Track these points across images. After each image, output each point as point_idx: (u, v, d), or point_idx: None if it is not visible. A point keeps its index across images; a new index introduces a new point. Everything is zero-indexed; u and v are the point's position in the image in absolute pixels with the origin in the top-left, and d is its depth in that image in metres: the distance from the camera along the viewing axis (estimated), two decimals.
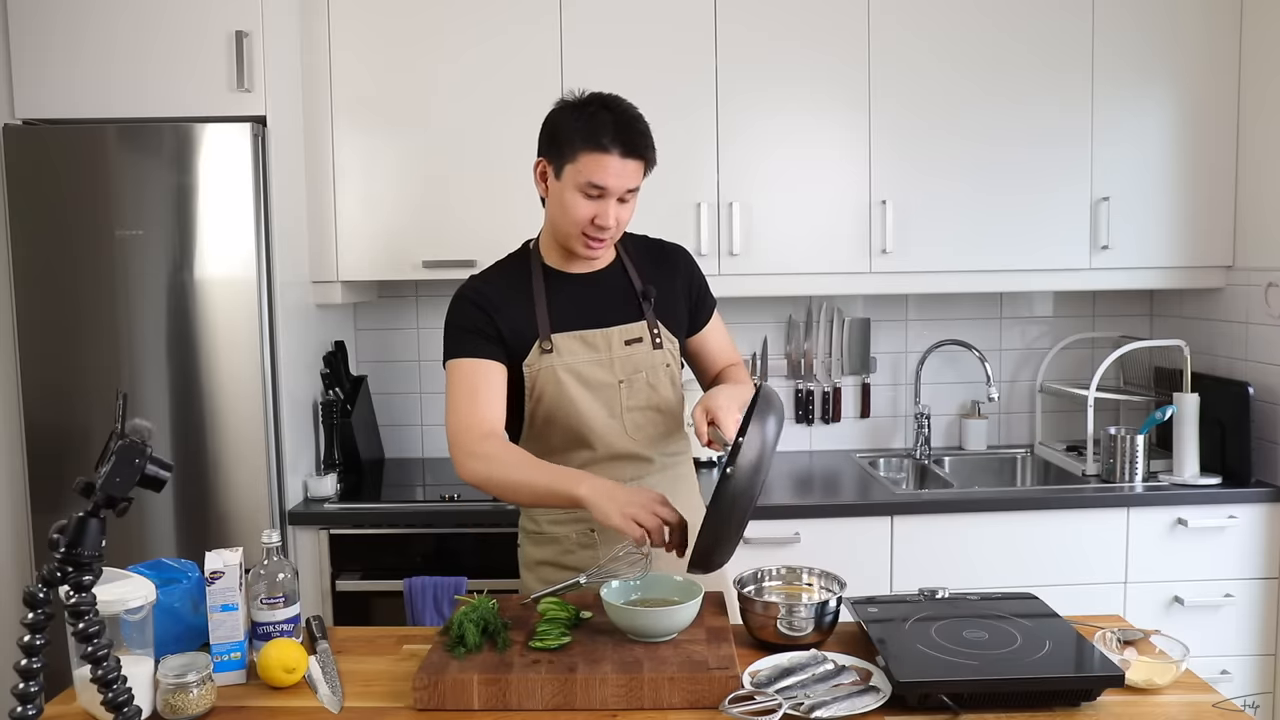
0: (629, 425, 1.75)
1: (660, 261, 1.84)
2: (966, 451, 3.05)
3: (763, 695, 1.29)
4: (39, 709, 1.10)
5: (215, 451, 2.38)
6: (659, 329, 1.76)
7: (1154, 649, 1.47)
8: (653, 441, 1.78)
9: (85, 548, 1.09)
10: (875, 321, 3.08)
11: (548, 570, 1.80)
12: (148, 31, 2.37)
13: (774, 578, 1.64)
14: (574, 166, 1.62)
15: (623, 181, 1.62)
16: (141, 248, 2.33)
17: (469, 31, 2.61)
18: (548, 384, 1.70)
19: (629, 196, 1.65)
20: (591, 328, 1.72)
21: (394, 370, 3.08)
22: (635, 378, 1.74)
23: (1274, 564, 2.52)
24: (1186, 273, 2.74)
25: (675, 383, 1.80)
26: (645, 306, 1.76)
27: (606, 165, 1.60)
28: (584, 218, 1.63)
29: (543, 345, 1.69)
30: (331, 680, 1.43)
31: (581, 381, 1.71)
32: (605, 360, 1.72)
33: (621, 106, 1.66)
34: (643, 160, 1.64)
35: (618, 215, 1.65)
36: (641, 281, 1.78)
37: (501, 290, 1.72)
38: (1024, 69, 2.66)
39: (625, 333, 1.74)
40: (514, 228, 2.65)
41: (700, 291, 1.87)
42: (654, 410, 1.77)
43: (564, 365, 1.70)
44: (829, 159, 2.67)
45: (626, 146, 1.61)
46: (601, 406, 1.72)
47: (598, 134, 1.60)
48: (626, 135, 1.61)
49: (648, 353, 1.75)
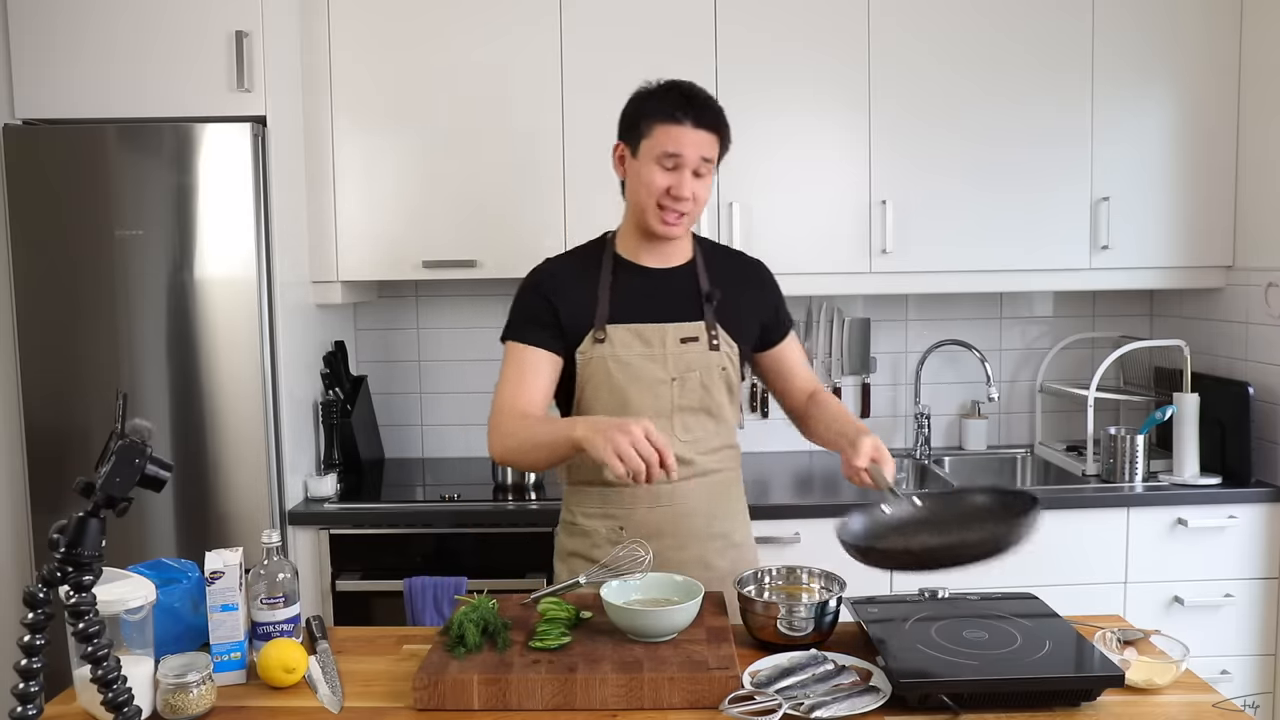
0: (678, 426, 1.74)
1: (737, 270, 1.84)
2: (966, 451, 3.05)
3: (763, 695, 1.29)
4: (39, 709, 1.10)
5: (215, 451, 2.38)
6: (718, 331, 1.75)
7: (1154, 649, 1.47)
8: (700, 444, 1.76)
9: (85, 548, 1.09)
10: (875, 321, 3.08)
11: (577, 562, 1.80)
12: (147, 31, 2.37)
13: (774, 578, 1.64)
14: (649, 140, 1.67)
15: (698, 150, 1.66)
16: (141, 248, 2.33)
17: (469, 32, 2.61)
18: (597, 373, 1.72)
19: (704, 170, 1.68)
20: (649, 322, 1.73)
21: (394, 370, 3.08)
22: (688, 376, 1.73)
23: (1274, 564, 2.52)
24: (1186, 273, 2.74)
25: (731, 388, 1.79)
26: (706, 308, 1.76)
27: (680, 135, 1.65)
28: (660, 187, 1.67)
29: (596, 335, 1.72)
30: (331, 680, 1.43)
31: (630, 374, 1.72)
32: (659, 356, 1.72)
33: (695, 87, 1.71)
34: (716, 134, 1.69)
35: (694, 189, 1.68)
36: (709, 283, 1.78)
37: (570, 275, 1.77)
38: (1024, 69, 2.66)
39: (681, 330, 1.74)
40: (514, 228, 2.67)
41: (777, 310, 1.87)
42: (705, 414, 1.76)
43: (614, 357, 1.71)
44: (829, 159, 2.67)
45: (698, 118, 1.66)
46: (650, 403, 1.72)
47: (670, 107, 1.66)
48: (699, 108, 1.67)
49: (703, 353, 1.74)
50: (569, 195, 2.64)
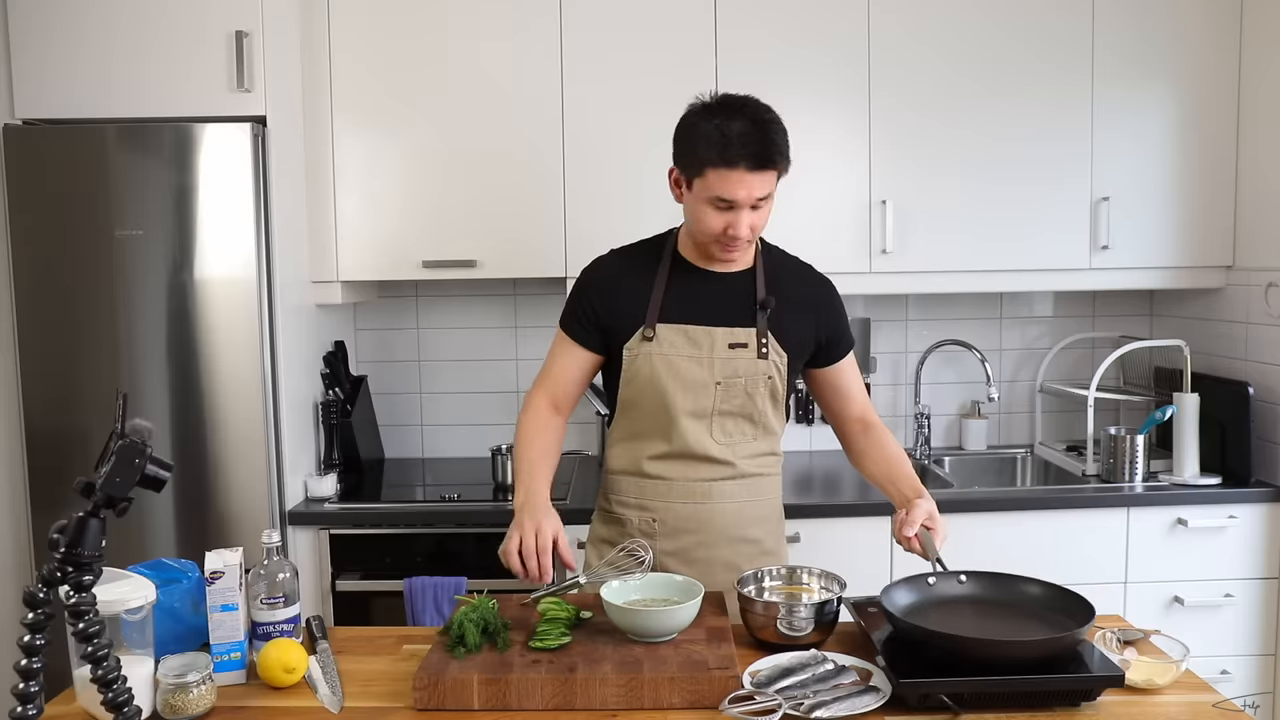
0: (716, 429, 1.75)
1: (800, 282, 1.82)
2: (966, 451, 3.05)
3: (763, 695, 1.29)
4: (39, 709, 1.10)
5: (215, 451, 2.38)
6: (768, 340, 1.74)
7: (1154, 649, 1.47)
8: (738, 448, 1.77)
9: (85, 548, 1.09)
10: (875, 321, 3.08)
11: (607, 549, 1.81)
12: (147, 32, 2.36)
13: (774, 578, 1.64)
14: (702, 181, 1.62)
15: (752, 193, 1.61)
16: (141, 248, 2.33)
17: (469, 31, 2.61)
18: (642, 370, 1.73)
19: (761, 204, 1.65)
20: (699, 324, 1.73)
21: (394, 370, 3.08)
22: (733, 382, 1.73)
23: (1274, 564, 2.52)
24: (1186, 273, 2.74)
25: (776, 397, 1.78)
26: (760, 315, 1.74)
27: (734, 181, 1.59)
28: (716, 229, 1.65)
29: (645, 333, 1.72)
30: (331, 680, 1.43)
31: (675, 375, 1.72)
32: (705, 359, 1.72)
33: (751, 113, 1.63)
34: (773, 170, 1.63)
35: (751, 223, 1.65)
36: (765, 292, 1.76)
37: (627, 271, 1.78)
38: (1024, 69, 2.66)
39: (730, 335, 1.73)
40: (513, 228, 2.67)
41: (839, 326, 1.84)
42: (746, 419, 1.76)
43: (661, 355, 1.72)
44: (829, 159, 2.67)
45: (754, 159, 1.59)
46: (692, 404, 1.72)
47: (722, 148, 1.58)
48: (754, 147, 1.59)
49: (751, 360, 1.73)
50: (569, 195, 2.64)
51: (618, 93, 2.63)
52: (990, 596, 1.53)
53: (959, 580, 1.56)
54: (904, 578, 1.57)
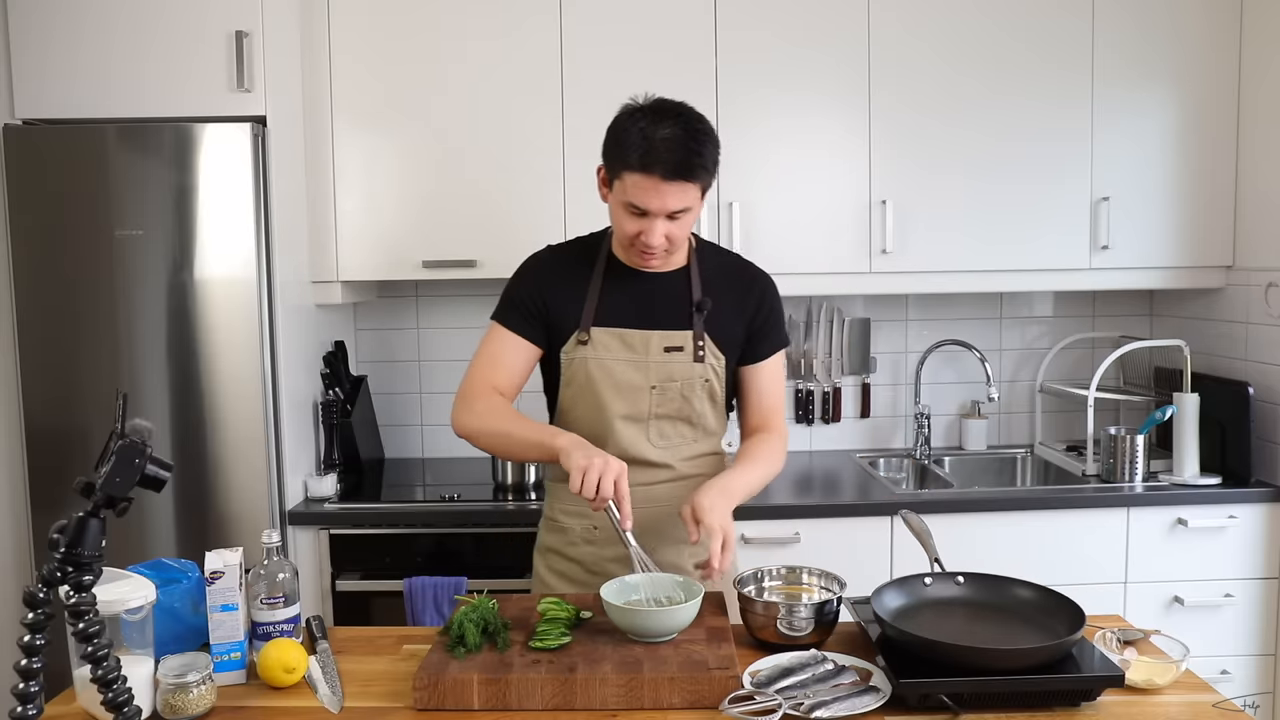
0: (653, 433, 1.73)
1: (734, 280, 1.78)
2: (966, 451, 3.05)
3: (763, 695, 1.29)
4: (39, 709, 1.10)
5: (215, 451, 2.38)
6: (705, 342, 1.71)
7: (1154, 649, 1.47)
8: (676, 451, 1.75)
9: (85, 548, 1.09)
10: (875, 321, 3.08)
11: (554, 558, 1.81)
12: (147, 32, 2.36)
13: (774, 578, 1.64)
14: (620, 184, 1.59)
15: (666, 203, 1.56)
16: (141, 248, 2.33)
17: (469, 32, 2.61)
18: (578, 375, 1.71)
19: (680, 216, 1.60)
20: (635, 327, 1.71)
21: (394, 370, 3.08)
22: (669, 386, 1.71)
23: (1274, 564, 2.52)
24: (1186, 273, 2.74)
25: (715, 399, 1.76)
26: (696, 317, 1.72)
27: (647, 188, 1.55)
28: (630, 233, 1.62)
29: (580, 337, 1.70)
30: (331, 680, 1.43)
31: (611, 379, 1.70)
32: (640, 362, 1.70)
33: (679, 120, 1.57)
34: (692, 182, 1.56)
35: (667, 232, 1.60)
36: (701, 293, 1.73)
37: (565, 269, 1.75)
38: (1024, 69, 2.66)
39: (667, 339, 1.71)
40: (513, 228, 2.67)
41: (767, 323, 1.78)
42: (684, 422, 1.75)
43: (597, 360, 1.70)
44: (829, 159, 2.67)
45: (671, 168, 1.53)
46: (627, 408, 1.71)
47: (641, 154, 1.54)
48: (674, 155, 1.53)
49: (687, 363, 1.71)
50: (569, 195, 2.64)
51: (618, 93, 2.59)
52: (982, 599, 1.53)
53: (956, 582, 1.55)
54: (896, 579, 1.57)
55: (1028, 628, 1.44)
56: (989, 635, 1.43)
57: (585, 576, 1.78)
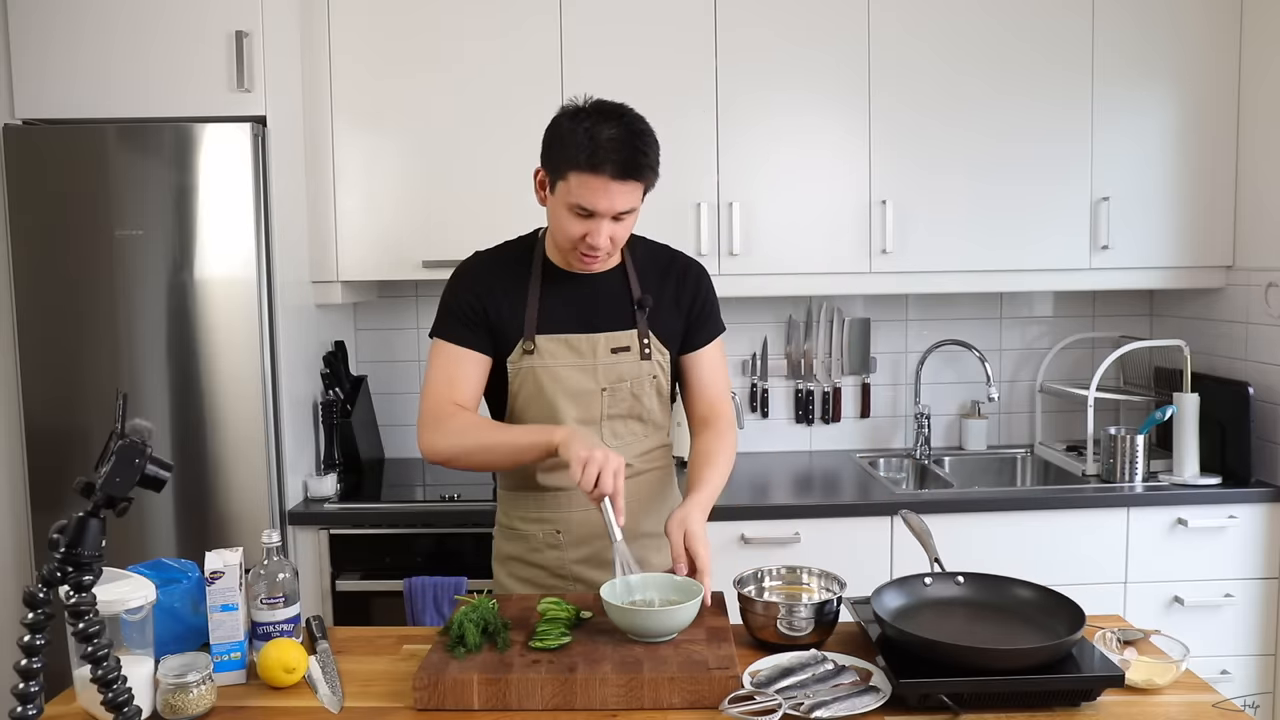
0: (606, 433, 1.73)
1: (667, 272, 1.77)
2: (966, 451, 3.05)
3: (763, 695, 1.29)
4: (39, 709, 1.10)
5: (215, 451, 2.38)
6: (649, 340, 1.72)
7: (1154, 649, 1.47)
8: (629, 449, 1.75)
9: (85, 548, 1.09)
10: (875, 321, 3.08)
11: (516, 565, 1.81)
12: (147, 31, 2.37)
13: (774, 578, 1.64)
14: (564, 185, 1.57)
15: (613, 203, 1.55)
16: (141, 248, 2.33)
17: (469, 32, 2.61)
18: (526, 383, 1.70)
19: (624, 217, 1.59)
20: (579, 332, 1.70)
21: (394, 370, 3.08)
22: (619, 386, 1.71)
23: (1274, 564, 2.52)
24: (1186, 273, 2.74)
25: (662, 394, 1.78)
26: (638, 315, 1.72)
27: (595, 188, 1.53)
28: (574, 235, 1.60)
29: (525, 346, 1.69)
30: (331, 680, 1.43)
31: (561, 386, 1.70)
32: (589, 366, 1.70)
33: (622, 121, 1.56)
34: (639, 182, 1.56)
35: (611, 233, 1.60)
36: (640, 289, 1.73)
37: (500, 276, 1.72)
38: (1024, 69, 2.66)
39: (612, 340, 1.71)
40: (514, 228, 2.65)
41: (703, 312, 1.78)
42: (635, 420, 1.76)
43: (544, 368, 1.69)
44: (829, 159, 2.67)
45: (619, 168, 1.52)
46: (579, 412, 1.71)
47: (589, 154, 1.52)
48: (620, 155, 1.52)
49: (634, 363, 1.72)
50: None
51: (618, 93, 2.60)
52: (982, 599, 1.53)
53: (956, 582, 1.55)
54: (896, 579, 1.56)
55: (1028, 628, 1.44)
56: (989, 635, 1.43)
57: (552, 581, 1.77)
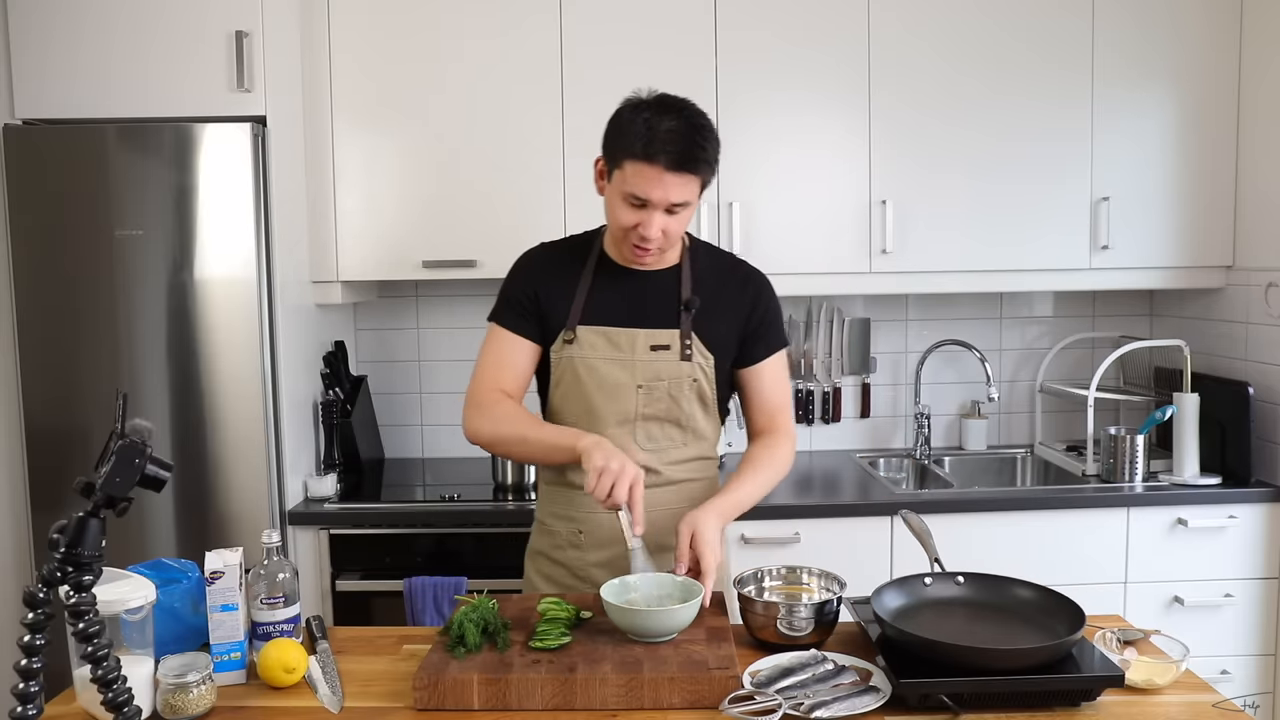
0: (640, 434, 1.70)
1: (726, 279, 1.75)
2: (966, 451, 3.05)
3: (763, 695, 1.29)
4: (39, 709, 1.10)
5: (215, 451, 2.38)
6: (692, 341, 1.69)
7: (1154, 649, 1.47)
8: (665, 454, 1.72)
9: (85, 548, 1.09)
10: (875, 321, 3.08)
11: (542, 561, 1.81)
12: (147, 31, 2.37)
13: (774, 578, 1.64)
14: (620, 174, 1.58)
15: (667, 195, 1.55)
16: (141, 248, 2.33)
17: (469, 31, 2.61)
18: (565, 374, 1.71)
19: (679, 209, 1.59)
20: (622, 325, 1.69)
21: (394, 370, 3.08)
22: (655, 385, 1.68)
23: (1274, 564, 2.52)
24: (1186, 273, 2.74)
25: (705, 401, 1.72)
26: (684, 316, 1.69)
27: (650, 177, 1.54)
28: (627, 225, 1.60)
29: (566, 335, 1.70)
30: (331, 680, 1.43)
31: (596, 379, 1.68)
32: (626, 361, 1.68)
33: (683, 114, 1.56)
34: (694, 175, 1.56)
35: (664, 226, 1.59)
36: (692, 292, 1.71)
37: (556, 267, 1.74)
38: (1024, 69, 2.66)
39: (652, 337, 1.69)
40: (514, 228, 2.67)
41: (762, 323, 1.74)
42: (673, 424, 1.72)
43: (582, 359, 1.69)
44: (829, 159, 2.67)
45: (675, 159, 1.53)
46: (614, 409, 1.69)
47: (645, 143, 1.53)
48: (677, 146, 1.53)
49: (673, 362, 1.68)
50: (569, 195, 2.64)
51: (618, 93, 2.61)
52: (982, 599, 1.53)
53: (956, 582, 1.55)
54: (896, 579, 1.56)
55: (1028, 628, 1.44)
56: (989, 635, 1.43)
57: (571, 581, 1.77)
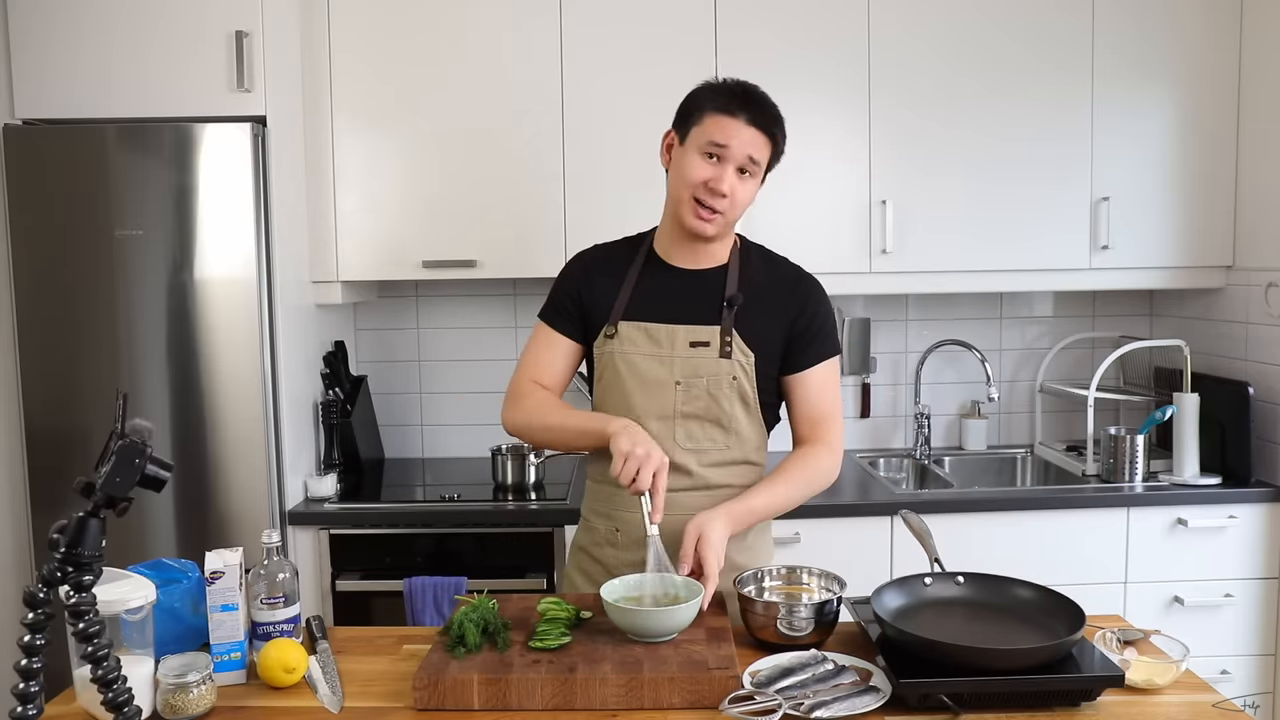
0: (679, 433, 1.68)
1: (776, 279, 1.73)
2: (966, 451, 3.05)
3: (763, 695, 1.29)
4: (39, 709, 1.10)
5: (215, 451, 2.38)
6: (732, 338, 1.66)
7: (1154, 649, 1.47)
8: (705, 455, 1.69)
9: (85, 548, 1.09)
10: (875, 321, 3.08)
11: (582, 557, 1.81)
12: (147, 31, 2.36)
13: (774, 578, 1.64)
14: (699, 128, 1.63)
15: (744, 146, 1.61)
16: (141, 248, 2.33)
17: (469, 31, 2.61)
18: (606, 369, 1.72)
19: (751, 168, 1.64)
20: (663, 321, 1.69)
21: (394, 370, 3.08)
22: (694, 382, 1.66)
23: (1274, 564, 2.52)
24: (1186, 273, 2.74)
25: (746, 401, 1.69)
26: (725, 313, 1.68)
27: (730, 127, 1.61)
28: (700, 178, 1.62)
29: (608, 330, 1.71)
30: (331, 680, 1.43)
31: (636, 374, 1.68)
32: (665, 357, 1.68)
33: (758, 89, 1.67)
34: (768, 136, 1.64)
35: (734, 185, 1.63)
36: (736, 288, 1.69)
37: (605, 265, 1.77)
38: (1024, 69, 2.66)
39: (693, 334, 1.67)
40: (514, 228, 2.67)
41: (810, 327, 1.71)
42: (714, 425, 1.68)
43: (622, 354, 1.69)
44: (829, 159, 2.67)
45: (753, 115, 1.62)
46: (653, 405, 1.67)
47: (728, 97, 1.63)
48: (756, 107, 1.63)
49: (713, 360, 1.67)
50: (569, 195, 2.64)
51: (618, 92, 2.63)
52: (982, 599, 1.53)
53: (956, 582, 1.55)
54: (896, 579, 1.56)
55: (1028, 628, 1.44)
56: (989, 635, 1.43)
57: (607, 578, 1.73)
